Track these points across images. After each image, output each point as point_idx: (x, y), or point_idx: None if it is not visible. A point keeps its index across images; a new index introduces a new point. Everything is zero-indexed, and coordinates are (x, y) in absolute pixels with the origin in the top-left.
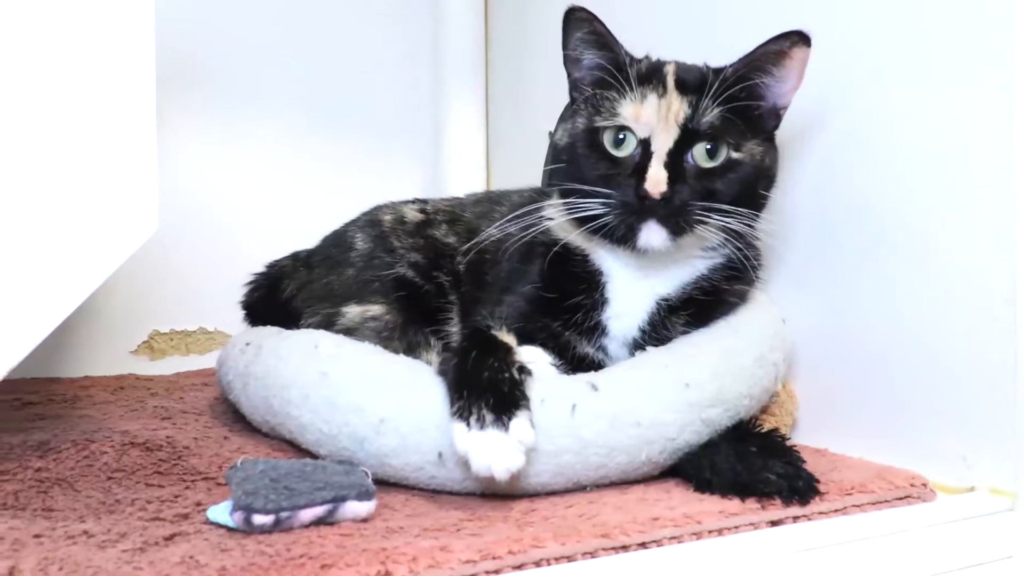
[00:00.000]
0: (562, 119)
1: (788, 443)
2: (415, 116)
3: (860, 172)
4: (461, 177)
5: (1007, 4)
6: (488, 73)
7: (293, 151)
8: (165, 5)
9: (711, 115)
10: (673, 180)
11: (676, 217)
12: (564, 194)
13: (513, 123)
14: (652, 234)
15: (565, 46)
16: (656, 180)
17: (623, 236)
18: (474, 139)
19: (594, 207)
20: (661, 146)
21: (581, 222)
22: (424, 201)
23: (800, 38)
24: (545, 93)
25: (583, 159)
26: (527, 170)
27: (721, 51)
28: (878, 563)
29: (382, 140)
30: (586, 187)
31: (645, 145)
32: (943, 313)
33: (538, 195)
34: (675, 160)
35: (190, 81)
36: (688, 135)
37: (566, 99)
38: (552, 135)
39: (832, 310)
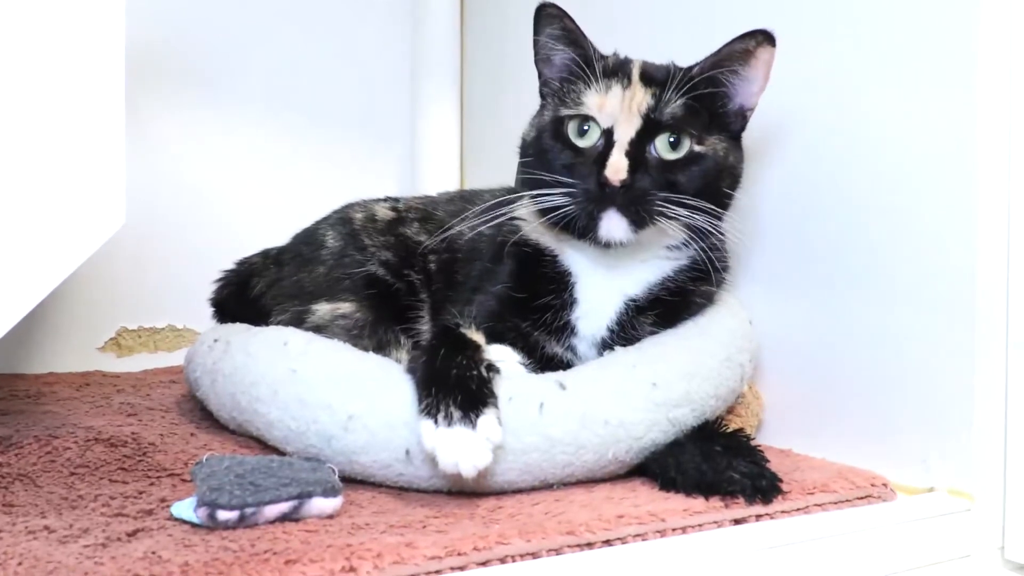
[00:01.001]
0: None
1: (753, 443)
2: (391, 115)
3: (829, 179)
4: (436, 176)
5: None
6: (463, 73)
7: (266, 147)
8: None
9: (674, 106)
10: (634, 168)
11: (636, 206)
12: (529, 186)
13: (488, 123)
14: (612, 224)
15: (536, 43)
16: (616, 167)
17: (585, 227)
18: (449, 138)
19: (556, 198)
20: (623, 135)
21: (545, 214)
22: (396, 199)
23: (765, 37)
24: (519, 94)
25: (549, 149)
26: (501, 170)
27: (690, 56)
28: (839, 561)
29: (357, 137)
30: (550, 175)
31: (608, 135)
32: (905, 319)
33: (510, 194)
34: (637, 150)
35: (160, 75)
36: (651, 125)
37: (540, 100)
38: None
39: (798, 314)
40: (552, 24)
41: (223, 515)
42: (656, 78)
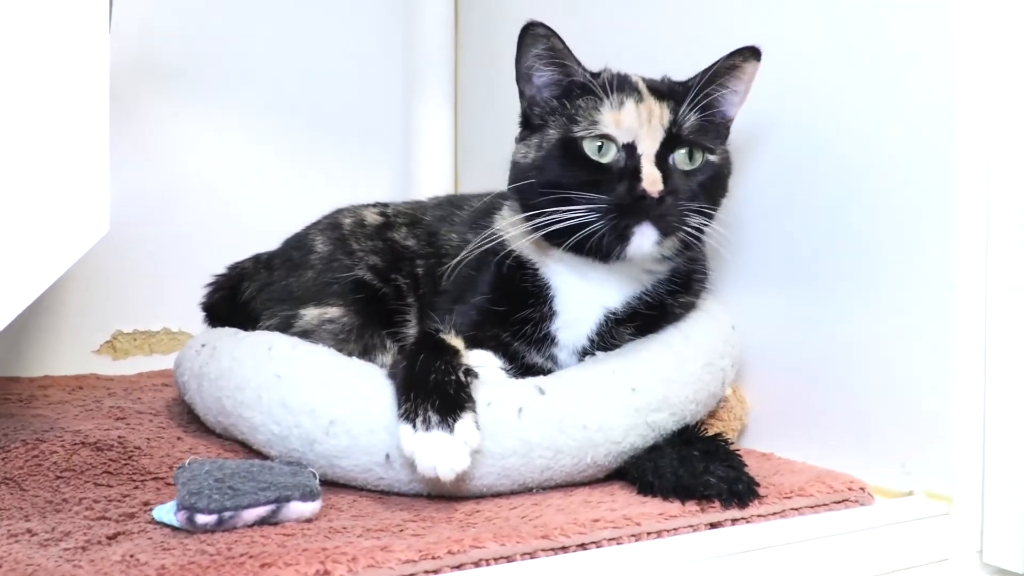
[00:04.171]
0: (520, 140)
1: (731, 447)
2: (385, 118)
3: (811, 186)
4: (429, 178)
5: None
6: (457, 77)
7: (260, 151)
8: None
9: (691, 121)
10: (665, 180)
11: (669, 217)
12: (531, 208)
13: (482, 124)
14: (645, 237)
15: (520, 62)
16: (653, 179)
17: (611, 243)
18: (443, 140)
19: (580, 215)
20: (648, 148)
21: (554, 237)
22: (385, 204)
23: (752, 53)
24: (514, 97)
25: (561, 169)
26: (495, 171)
27: (670, 68)
28: (815, 565)
29: (351, 141)
30: (568, 193)
31: (629, 149)
32: (885, 324)
33: (499, 199)
34: (662, 162)
35: (154, 78)
36: (672, 140)
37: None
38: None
39: (781, 319)
40: (539, 44)
41: (201, 519)
42: (664, 92)
